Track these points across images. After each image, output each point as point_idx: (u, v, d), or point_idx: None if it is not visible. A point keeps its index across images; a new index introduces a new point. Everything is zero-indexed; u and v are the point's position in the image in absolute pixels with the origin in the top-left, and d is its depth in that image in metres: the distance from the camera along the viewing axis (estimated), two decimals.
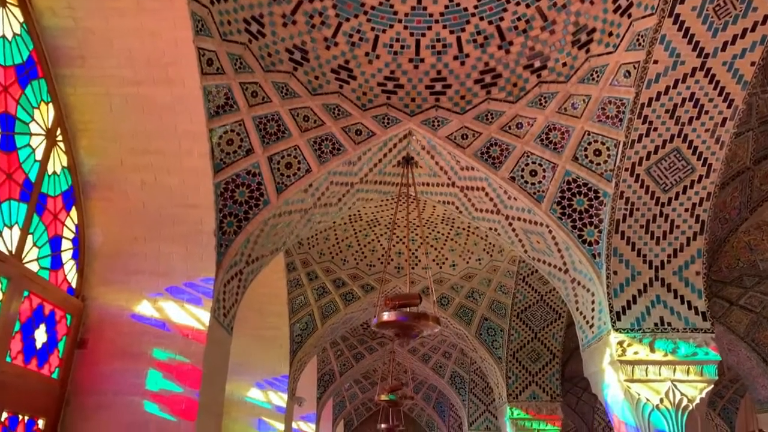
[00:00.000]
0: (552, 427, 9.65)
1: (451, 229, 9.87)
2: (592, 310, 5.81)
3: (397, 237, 10.19)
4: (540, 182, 5.76)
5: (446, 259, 10.22)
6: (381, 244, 10.23)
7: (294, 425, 13.86)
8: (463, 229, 9.79)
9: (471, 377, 14.40)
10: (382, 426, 14.41)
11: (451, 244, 10.06)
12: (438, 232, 9.96)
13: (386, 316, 5.60)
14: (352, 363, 14.66)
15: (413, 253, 10.25)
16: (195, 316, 5.39)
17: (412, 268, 10.22)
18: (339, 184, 6.31)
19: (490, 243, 9.73)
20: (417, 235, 10.09)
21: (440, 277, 10.29)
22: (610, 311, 5.46)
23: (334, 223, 9.74)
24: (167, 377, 5.16)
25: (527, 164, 5.76)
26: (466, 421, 14.25)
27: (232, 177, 5.56)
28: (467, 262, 10.11)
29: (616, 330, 5.39)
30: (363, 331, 14.54)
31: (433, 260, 10.24)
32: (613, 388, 5.43)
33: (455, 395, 14.54)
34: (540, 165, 5.72)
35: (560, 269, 6.17)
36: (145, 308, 5.39)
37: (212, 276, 5.51)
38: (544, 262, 6.36)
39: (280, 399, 9.68)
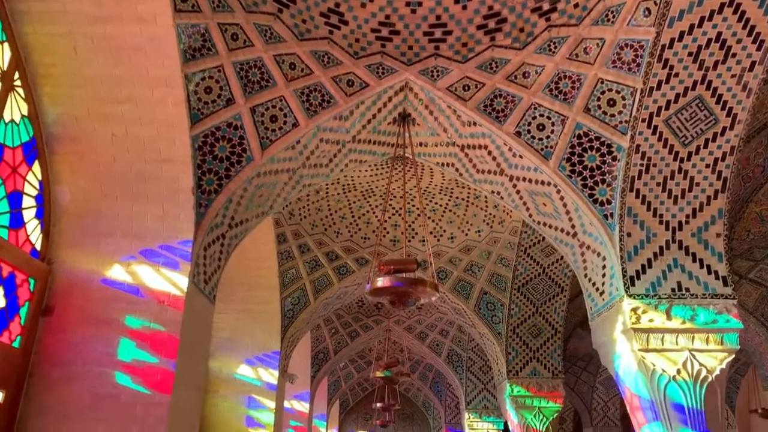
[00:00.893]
0: (553, 404, 9.30)
1: (449, 200, 9.42)
2: (603, 275, 5.38)
3: (393, 208, 9.73)
4: (548, 137, 5.30)
5: (444, 231, 9.78)
6: (376, 216, 9.77)
7: (287, 404, 13.52)
8: (462, 199, 9.35)
9: (468, 355, 14.05)
10: (378, 405, 14.10)
11: (449, 216, 9.62)
12: (436, 203, 9.51)
13: (381, 281, 5.17)
14: (347, 341, 14.29)
15: (410, 226, 9.81)
16: (171, 281, 4.94)
17: (409, 241, 9.78)
18: (329, 142, 5.83)
19: (490, 214, 9.28)
20: (414, 206, 9.64)
21: (438, 251, 9.85)
22: (623, 276, 5.03)
23: (326, 193, 9.28)
24: (141, 347, 4.72)
25: (534, 117, 5.29)
26: (464, 400, 13.94)
27: (211, 129, 5.07)
28: (466, 234, 9.68)
29: (630, 296, 4.97)
30: (358, 308, 14.15)
31: (431, 233, 9.80)
32: (625, 358, 5.03)
33: (452, 374, 14.21)
34: (548, 118, 5.25)
35: (568, 233, 5.73)
36: (117, 272, 4.94)
37: (190, 238, 5.05)
38: (551, 226, 5.93)
39: (270, 376, 9.29)
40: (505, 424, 14.09)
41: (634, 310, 4.92)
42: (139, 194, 5.04)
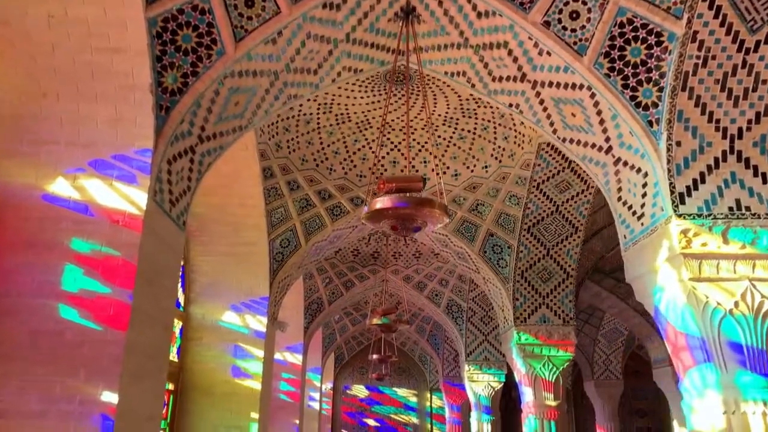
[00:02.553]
0: (564, 353, 8.64)
1: (453, 133, 8.52)
2: (643, 195, 4.55)
3: (391, 143, 8.83)
4: (583, 27, 4.37)
5: (448, 168, 8.91)
6: (373, 151, 8.88)
7: (279, 355, 12.90)
8: (468, 131, 8.44)
9: (469, 306, 13.40)
10: (375, 357, 13.52)
11: (453, 151, 8.74)
12: (438, 137, 8.60)
13: (380, 202, 4.33)
14: (342, 291, 13.59)
15: (411, 162, 8.93)
16: (127, 198, 4.08)
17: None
18: (318, 39, 4.88)
19: (499, 147, 8.40)
20: (415, 140, 8.74)
21: (441, 189, 9.00)
22: (671, 194, 4.21)
23: (318, 124, 8.36)
24: (90, 274, 3.90)
25: (566, 3, 4.35)
26: (464, 352, 13.36)
27: (171, 12, 4.11)
28: (472, 171, 8.81)
29: (679, 216, 4.15)
30: (353, 257, 13.40)
31: (432, 170, 8.93)
32: (670, 291, 4.25)
33: (452, 325, 13.59)
34: (584, 3, 4.31)
35: (600, 148, 4.87)
36: (60, 187, 4.07)
37: (149, 147, 4.17)
38: (579, 142, 5.06)
39: (258, 323, 8.55)
40: (507, 377, 13.57)
41: (684, 232, 4.11)
42: (85, 93, 4.13)
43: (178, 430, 7.90)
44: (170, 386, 7.84)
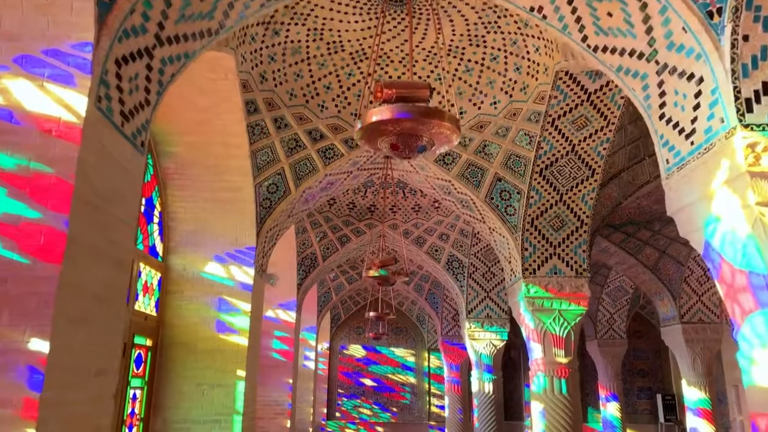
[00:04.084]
0: (576, 306, 7.99)
1: (459, 64, 7.64)
2: (696, 107, 3.76)
3: (389, 77, 7.96)
4: None
5: (452, 105, 8.05)
6: (369, 87, 8.01)
7: (272, 313, 12.30)
8: (476, 63, 7.57)
9: (471, 261, 12.74)
10: (371, 314, 12.94)
11: (458, 85, 7.88)
12: (442, 69, 7.73)
13: (378, 114, 3.56)
14: (337, 246, 12.89)
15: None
16: (62, 103, 3.27)
17: None
18: None
19: (510, 80, 7.54)
20: (416, 75, 7.87)
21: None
22: (735, 99, 3.42)
23: (307, 54, 7.47)
24: (15, 195, 3.12)
25: None
26: (464, 309, 12.77)
27: None
28: (479, 108, 7.98)
29: (746, 127, 3.38)
30: (349, 211, 12.67)
31: (440, 102, 8.08)
32: (729, 220, 3.50)
33: (452, 282, 12.96)
34: None
35: (641, 55, 4.05)
36: None
37: (90, 40, 3.33)
38: (614, 50, 4.23)
39: (245, 275, 7.84)
40: (509, 335, 13.01)
41: (752, 146, 3.34)
42: None
43: (157, 390, 7.27)
44: (148, 342, 7.17)
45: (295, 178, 8.10)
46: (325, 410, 21.15)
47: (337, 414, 21.24)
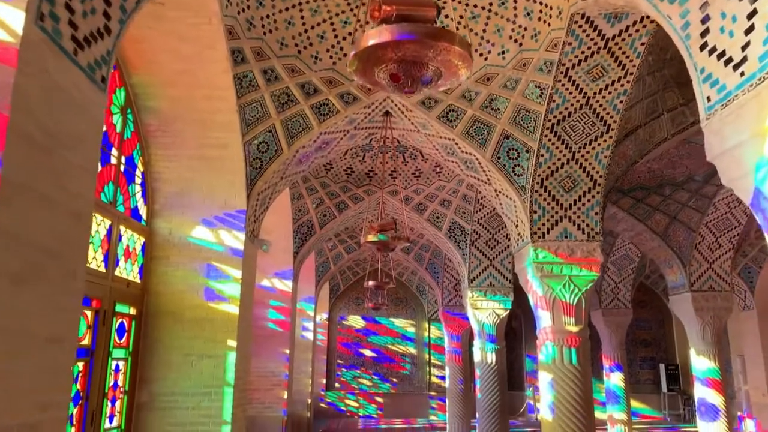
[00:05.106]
0: (588, 272, 7.53)
1: (465, 10, 7.01)
2: (748, 30, 3.19)
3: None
4: None
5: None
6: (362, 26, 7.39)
7: (267, 282, 11.87)
8: (483, 8, 6.94)
9: (474, 228, 12.27)
10: (371, 283, 12.52)
11: (463, 34, 7.24)
12: (445, 17, 7.11)
13: (376, 36, 3.02)
14: (334, 213, 12.40)
15: None
16: None
17: None
18: None
19: (520, 26, 6.92)
20: None
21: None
22: None
23: (299, 0, 6.83)
24: None
25: None
26: (467, 278, 12.33)
27: None
28: (485, 59, 7.37)
29: None
30: (346, 176, 12.13)
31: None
32: None
33: (454, 249, 12.49)
34: None
35: None
36: None
37: None
38: None
39: (235, 240, 7.35)
40: (521, 300, 12.61)
41: None
42: None
43: (142, 360, 6.85)
44: (132, 311, 6.72)
45: (287, 136, 7.55)
46: (324, 381, 20.95)
47: (337, 385, 21.06)
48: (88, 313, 5.71)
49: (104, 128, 5.77)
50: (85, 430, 5.57)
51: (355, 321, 21.70)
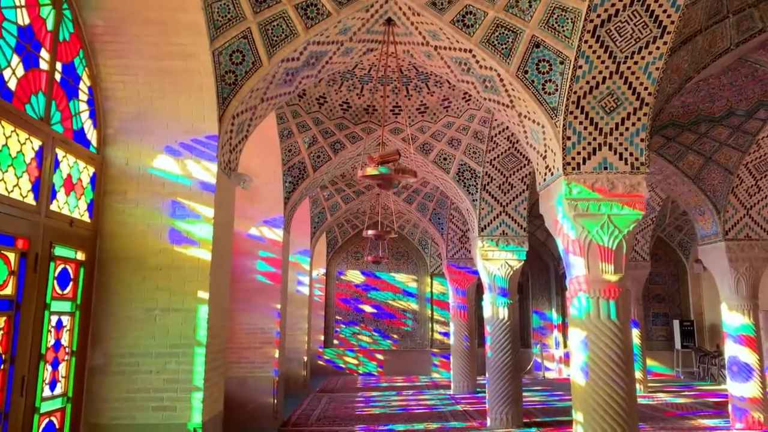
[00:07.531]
0: (630, 210, 6.28)
1: None
2: None
3: None
4: None
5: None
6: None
7: (255, 231, 10.64)
8: None
9: (486, 170, 10.96)
10: (370, 232, 11.30)
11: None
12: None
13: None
14: (329, 154, 11.07)
15: None
16: None
17: None
18: None
19: None
20: None
21: None
22: None
23: None
24: None
25: None
26: (477, 226, 11.10)
27: None
28: None
29: None
30: (342, 112, 10.76)
31: None
32: None
33: (463, 195, 11.22)
34: None
35: None
36: None
37: None
38: None
39: (206, 172, 6.07)
40: (528, 254, 11.44)
41: None
42: None
43: (95, 316, 5.66)
44: (79, 255, 5.49)
45: (266, 45, 6.15)
46: (322, 338, 20.04)
47: (335, 341, 20.16)
48: (10, 255, 4.48)
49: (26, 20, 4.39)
50: (11, 399, 4.42)
51: (354, 276, 20.63)
